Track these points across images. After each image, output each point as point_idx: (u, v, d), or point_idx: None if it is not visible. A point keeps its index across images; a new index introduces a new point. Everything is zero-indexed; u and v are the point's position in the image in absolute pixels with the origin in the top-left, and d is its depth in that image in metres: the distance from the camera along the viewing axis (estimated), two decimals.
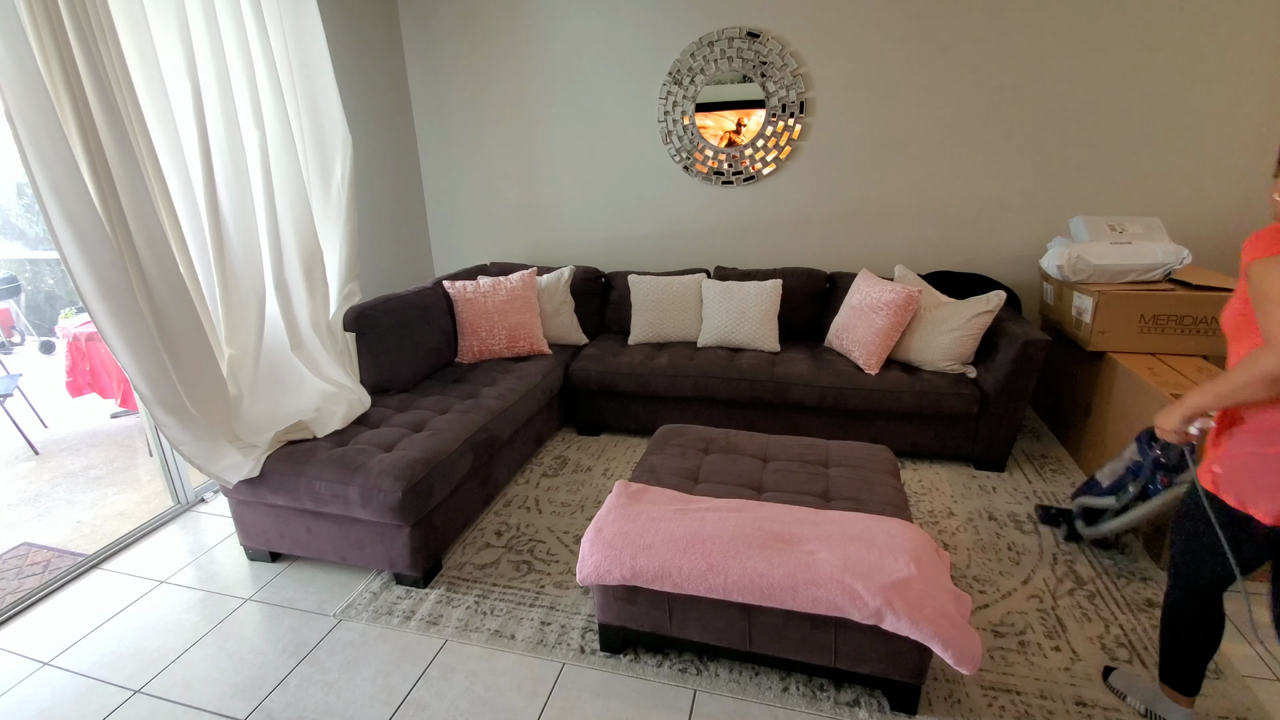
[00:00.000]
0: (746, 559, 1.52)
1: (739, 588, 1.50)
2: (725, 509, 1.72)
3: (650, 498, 1.81)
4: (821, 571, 1.47)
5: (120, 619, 2.03)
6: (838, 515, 1.69)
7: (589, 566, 1.63)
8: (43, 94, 1.57)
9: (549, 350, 3.17)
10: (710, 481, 1.97)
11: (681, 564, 1.55)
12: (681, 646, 1.74)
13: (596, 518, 1.75)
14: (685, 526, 1.64)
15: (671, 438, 2.23)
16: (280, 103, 2.35)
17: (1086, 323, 2.55)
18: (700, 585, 1.53)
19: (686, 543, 1.58)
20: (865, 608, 1.42)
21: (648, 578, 1.58)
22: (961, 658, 1.38)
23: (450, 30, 3.64)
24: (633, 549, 1.60)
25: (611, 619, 1.73)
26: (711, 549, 1.56)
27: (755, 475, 2.00)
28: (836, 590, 1.44)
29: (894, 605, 1.40)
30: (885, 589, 1.42)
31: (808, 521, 1.66)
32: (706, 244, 3.66)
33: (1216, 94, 2.82)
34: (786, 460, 2.08)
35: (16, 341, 5.43)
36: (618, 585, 1.65)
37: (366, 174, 3.47)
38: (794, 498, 1.85)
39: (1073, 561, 2.12)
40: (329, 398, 2.41)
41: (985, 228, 3.25)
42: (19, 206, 4.81)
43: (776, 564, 1.50)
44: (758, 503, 1.78)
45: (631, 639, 1.77)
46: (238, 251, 2.21)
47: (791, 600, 1.48)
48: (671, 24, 3.31)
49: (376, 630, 1.93)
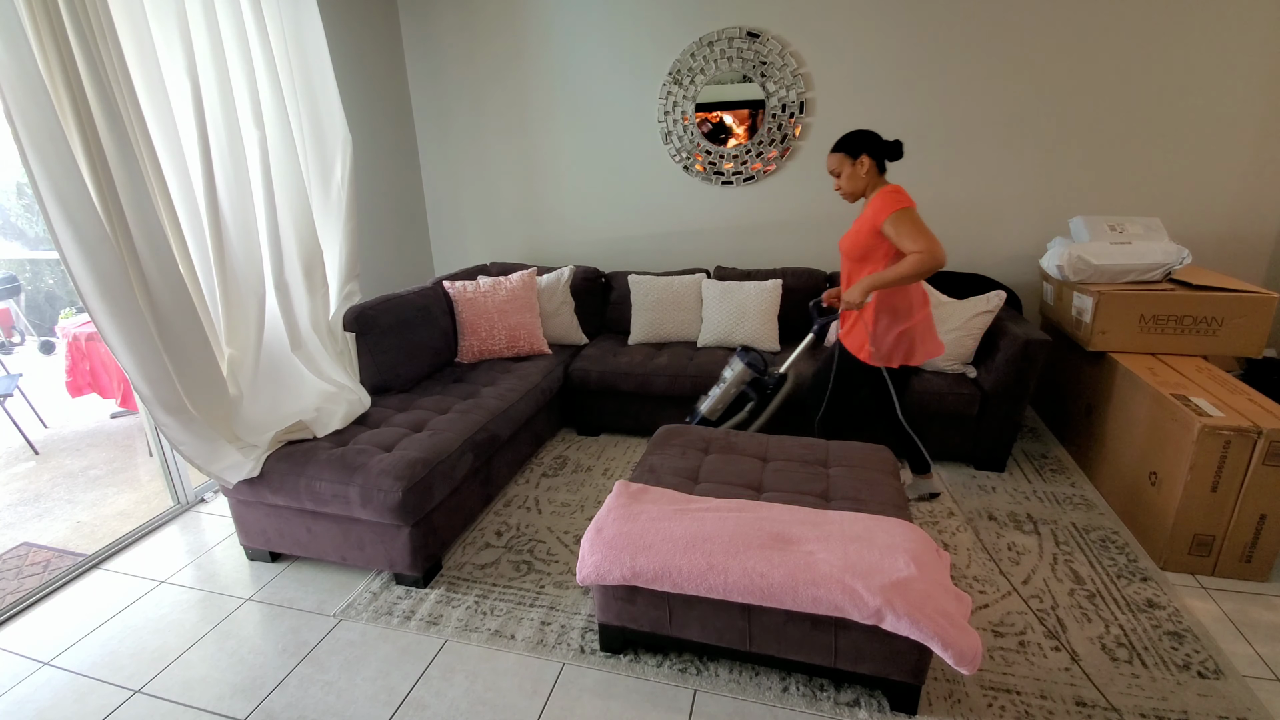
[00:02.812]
0: (746, 559, 1.52)
1: (739, 588, 1.50)
2: (725, 509, 1.72)
3: (650, 498, 1.81)
4: (821, 571, 1.47)
5: (120, 619, 2.03)
6: (837, 515, 1.69)
7: (589, 566, 1.63)
8: (43, 94, 1.57)
9: (549, 350, 3.17)
10: (710, 481, 1.96)
11: (681, 564, 1.55)
12: (682, 646, 1.73)
13: (596, 518, 1.74)
14: (685, 526, 1.63)
15: (671, 438, 2.23)
16: (280, 103, 2.35)
17: (1086, 323, 2.55)
18: (700, 585, 1.53)
19: (686, 543, 1.58)
20: (865, 608, 1.41)
21: (648, 578, 1.57)
22: (962, 658, 1.38)
23: (450, 30, 3.64)
24: (633, 549, 1.60)
25: (611, 619, 1.73)
26: (711, 549, 1.55)
27: (755, 475, 2.00)
28: (836, 590, 1.44)
29: (894, 605, 1.39)
30: (885, 589, 1.41)
31: (807, 521, 1.66)
32: (706, 244, 3.66)
33: (1216, 94, 2.82)
34: (786, 460, 2.07)
35: (16, 341, 5.43)
36: (618, 585, 1.64)
37: (366, 174, 3.47)
38: (794, 498, 1.84)
39: (1072, 561, 2.12)
40: (329, 398, 2.41)
41: (985, 228, 3.25)
42: (19, 206, 4.81)
43: (776, 564, 1.50)
44: (757, 502, 1.77)
45: (631, 639, 1.77)
46: (238, 251, 2.21)
47: (791, 600, 1.47)
48: (671, 24, 3.31)
49: (376, 630, 1.93)
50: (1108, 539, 2.23)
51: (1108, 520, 2.35)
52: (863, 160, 2.00)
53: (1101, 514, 2.39)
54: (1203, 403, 2.03)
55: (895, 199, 1.93)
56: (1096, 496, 2.51)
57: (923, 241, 1.84)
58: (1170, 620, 1.85)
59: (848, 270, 2.16)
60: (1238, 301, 2.35)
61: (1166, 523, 2.05)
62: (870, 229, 1.99)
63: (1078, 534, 2.26)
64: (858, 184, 2.03)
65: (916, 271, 1.85)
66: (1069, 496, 2.51)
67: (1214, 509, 1.97)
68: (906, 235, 1.87)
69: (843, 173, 2.04)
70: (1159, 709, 1.56)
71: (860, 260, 2.06)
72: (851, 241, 2.08)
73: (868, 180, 2.02)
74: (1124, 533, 2.27)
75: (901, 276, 1.88)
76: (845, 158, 2.03)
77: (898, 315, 2.10)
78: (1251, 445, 1.88)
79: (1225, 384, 2.18)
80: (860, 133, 2.03)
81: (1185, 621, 1.84)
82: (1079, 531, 2.28)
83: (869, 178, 2.02)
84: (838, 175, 2.06)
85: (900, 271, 1.88)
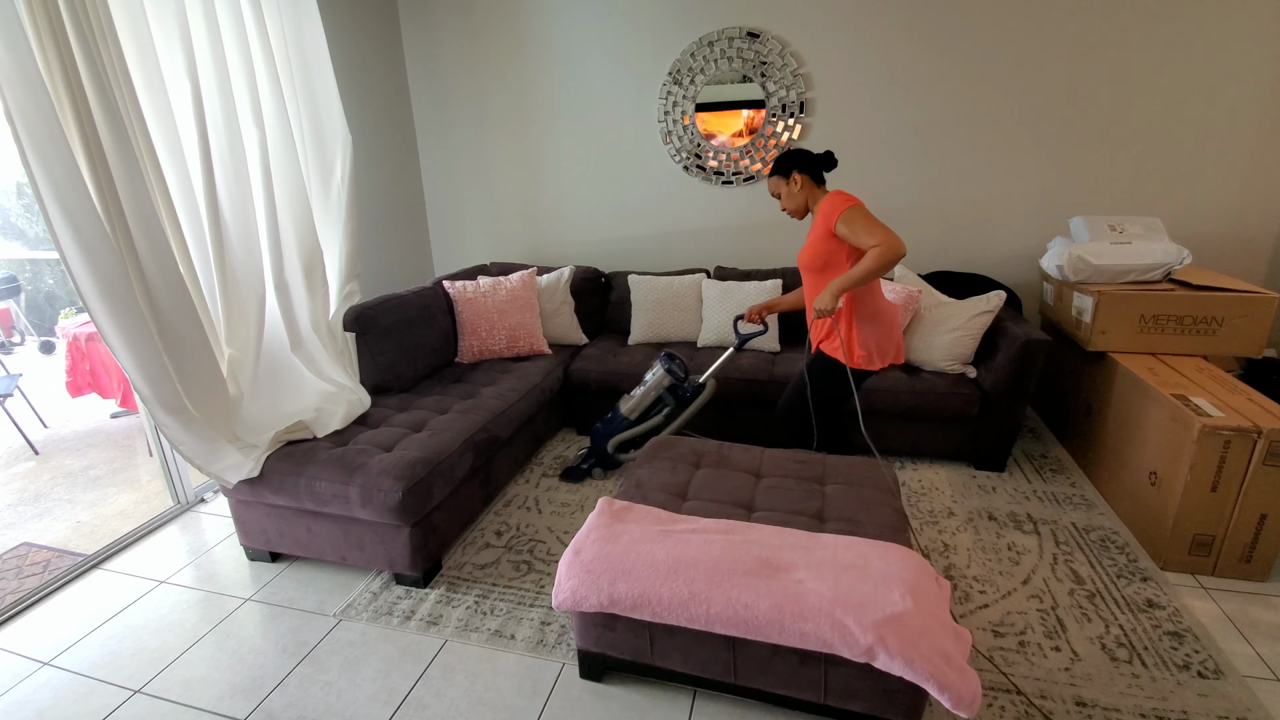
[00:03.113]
0: (730, 588, 1.44)
1: (721, 619, 1.42)
2: (711, 530, 1.64)
3: (634, 517, 1.72)
4: (810, 603, 1.38)
5: (120, 619, 2.03)
6: (831, 539, 1.60)
7: (565, 591, 1.55)
8: (43, 94, 1.57)
9: (549, 350, 3.17)
10: (699, 499, 1.87)
11: (661, 591, 1.46)
12: (664, 675, 1.65)
13: (576, 538, 1.66)
14: (668, 550, 1.55)
15: (661, 450, 2.14)
16: (280, 103, 2.35)
17: (1086, 323, 2.55)
18: (681, 615, 1.44)
19: (668, 568, 1.49)
20: (856, 645, 1.32)
21: (626, 605, 1.48)
22: (959, 701, 1.29)
23: (450, 30, 3.64)
24: (611, 574, 1.51)
25: (590, 645, 1.65)
26: (694, 575, 1.47)
27: (747, 492, 1.90)
28: (825, 625, 1.35)
29: (887, 643, 1.30)
30: (878, 625, 1.32)
31: (798, 546, 1.57)
32: (706, 244, 3.66)
33: (1216, 94, 2.82)
34: (781, 476, 1.97)
35: (16, 341, 5.43)
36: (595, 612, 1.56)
37: (366, 174, 3.47)
38: (786, 518, 1.74)
39: (1072, 561, 2.12)
40: (329, 398, 2.41)
41: (985, 228, 3.25)
42: (19, 206, 4.81)
43: (763, 594, 1.42)
44: (746, 524, 1.68)
45: (612, 666, 1.70)
46: (238, 251, 2.21)
47: (777, 634, 1.39)
48: (671, 24, 3.31)
49: (376, 630, 1.93)
50: (1108, 539, 2.23)
51: (1108, 520, 2.35)
52: (795, 178, 2.08)
53: (1101, 514, 2.39)
54: (1203, 403, 2.03)
55: (841, 200, 1.97)
56: (1096, 496, 2.51)
57: (879, 233, 1.85)
58: (1170, 620, 1.85)
59: (810, 284, 2.15)
60: (1238, 301, 2.35)
61: (1166, 523, 2.05)
62: (824, 234, 2.01)
63: (1078, 534, 2.27)
64: (797, 200, 2.10)
65: (880, 264, 1.85)
66: (1069, 496, 2.51)
67: (1214, 509, 1.97)
68: (861, 230, 1.88)
69: (781, 193, 2.13)
70: (1159, 709, 1.56)
71: (822, 270, 2.07)
72: (810, 253, 2.08)
73: (806, 194, 2.09)
74: (1124, 533, 2.27)
75: (868, 272, 1.87)
76: (779, 179, 2.11)
77: (879, 318, 2.11)
78: (1251, 445, 1.88)
79: (1225, 384, 2.18)
80: (787, 152, 2.11)
81: (1185, 621, 1.84)
82: (1079, 531, 2.28)
83: (806, 191, 2.08)
84: (779, 197, 2.15)
85: (866, 268, 1.87)
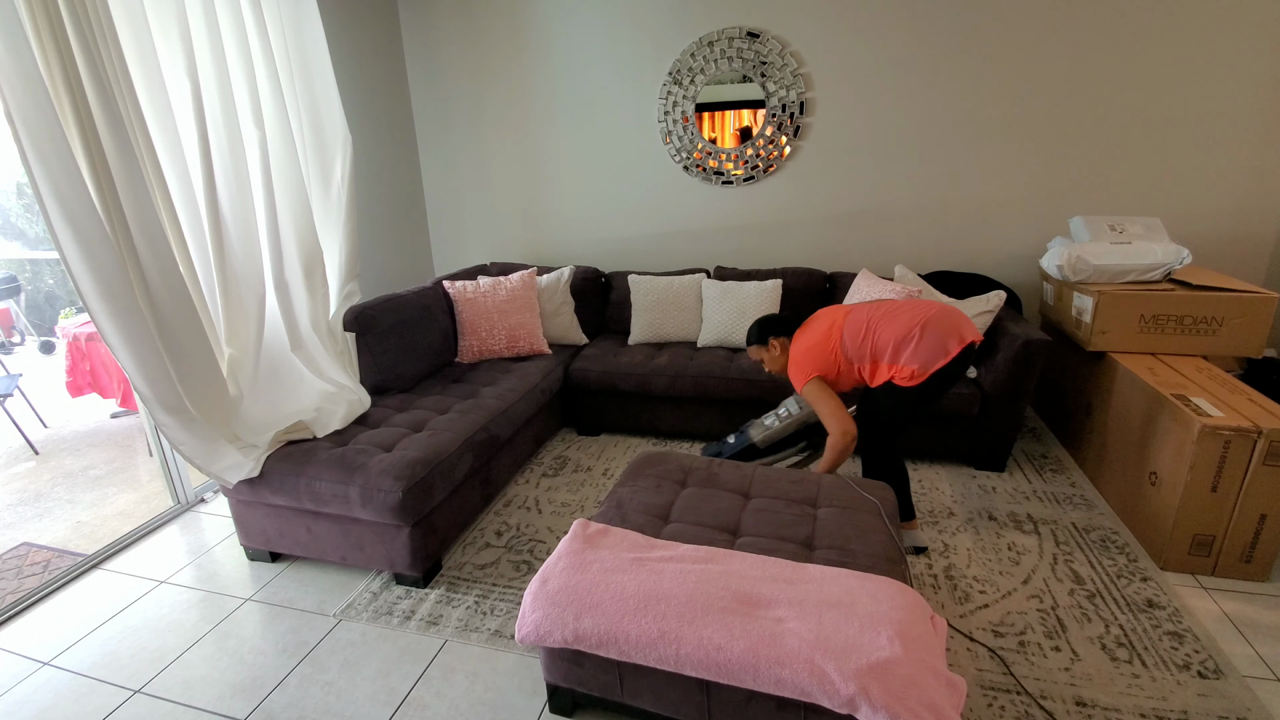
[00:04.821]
0: (703, 627, 1.34)
1: (692, 661, 1.31)
2: (689, 559, 1.54)
3: (608, 542, 1.62)
4: (788, 646, 1.27)
5: (120, 619, 2.03)
6: (817, 572, 1.49)
7: (529, 625, 1.45)
8: (43, 94, 1.57)
9: (549, 350, 3.17)
10: (682, 521, 1.76)
11: (630, 628, 1.36)
12: (635, 714, 1.57)
13: (544, 566, 1.56)
14: (640, 582, 1.45)
15: (646, 466, 2.04)
16: (280, 103, 2.35)
17: (1086, 323, 2.55)
18: (649, 655, 1.35)
19: (638, 603, 1.40)
20: (837, 696, 1.21)
21: (592, 642, 1.39)
22: None
23: (450, 30, 3.64)
24: (577, 608, 1.42)
25: (559, 680, 1.56)
26: (665, 612, 1.37)
27: (733, 515, 1.79)
28: (804, 672, 1.24)
29: (870, 694, 1.19)
30: (861, 673, 1.21)
31: (781, 579, 1.46)
32: (706, 244, 3.66)
33: (1217, 93, 2.82)
34: (771, 498, 1.86)
35: (16, 341, 5.43)
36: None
37: (366, 174, 3.47)
38: (773, 544, 1.63)
39: (1072, 561, 2.12)
40: (329, 398, 2.41)
41: (985, 228, 3.25)
42: (19, 206, 4.81)
43: (738, 634, 1.31)
44: (728, 552, 1.57)
45: (581, 702, 1.63)
46: (238, 251, 2.21)
47: (752, 680, 1.29)
48: (671, 24, 3.31)
49: (376, 630, 1.93)
50: (1108, 539, 2.23)
51: (1108, 520, 2.35)
52: (773, 343, 2.22)
53: (1101, 514, 2.39)
54: (1203, 403, 2.03)
55: (799, 372, 2.09)
56: (1096, 496, 2.51)
57: (832, 423, 2.00)
58: (1170, 620, 1.85)
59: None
60: (1238, 301, 2.35)
61: (1166, 523, 2.05)
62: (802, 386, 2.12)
63: (1078, 534, 2.27)
64: (779, 362, 2.23)
65: (840, 455, 2.01)
66: (1069, 496, 2.51)
67: (1214, 509, 1.97)
68: (821, 411, 2.04)
69: (764, 359, 2.26)
70: (1159, 709, 1.56)
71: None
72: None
73: (784, 355, 2.22)
74: (1124, 533, 2.27)
75: (834, 464, 2.04)
76: (759, 348, 2.25)
77: (906, 336, 1.97)
78: (1251, 445, 1.88)
79: (1225, 384, 2.18)
80: (758, 322, 2.26)
81: (1185, 621, 1.84)
82: (1079, 531, 2.28)
83: (785, 354, 2.21)
84: (761, 362, 2.29)
85: (831, 460, 2.04)
